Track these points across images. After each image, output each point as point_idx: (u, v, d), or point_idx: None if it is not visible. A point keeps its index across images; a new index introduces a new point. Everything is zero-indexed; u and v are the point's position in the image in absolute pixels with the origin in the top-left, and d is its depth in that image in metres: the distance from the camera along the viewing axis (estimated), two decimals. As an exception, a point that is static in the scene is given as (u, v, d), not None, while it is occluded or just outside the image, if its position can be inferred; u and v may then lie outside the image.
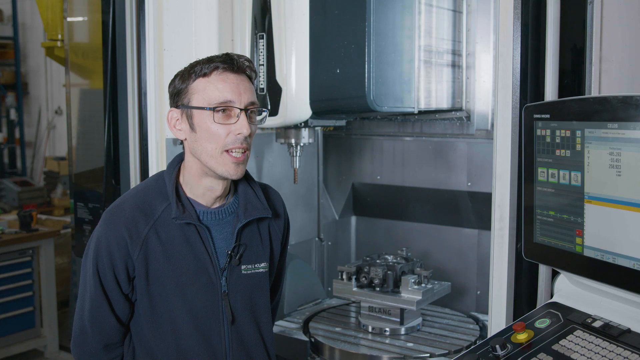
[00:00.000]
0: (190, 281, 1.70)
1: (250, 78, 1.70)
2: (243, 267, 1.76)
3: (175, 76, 1.70)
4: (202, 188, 1.72)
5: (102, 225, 1.70)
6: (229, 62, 1.65)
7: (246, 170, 1.76)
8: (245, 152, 1.67)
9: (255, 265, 1.79)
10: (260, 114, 1.75)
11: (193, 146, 1.67)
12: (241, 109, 1.64)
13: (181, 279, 1.69)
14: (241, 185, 1.80)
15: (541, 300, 1.79)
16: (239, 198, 1.79)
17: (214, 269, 1.72)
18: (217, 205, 1.76)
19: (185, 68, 1.69)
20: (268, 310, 1.83)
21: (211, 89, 1.63)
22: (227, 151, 1.64)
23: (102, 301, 1.69)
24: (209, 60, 1.65)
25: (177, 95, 1.68)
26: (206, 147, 1.64)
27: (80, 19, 3.38)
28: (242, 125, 1.63)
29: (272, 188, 1.95)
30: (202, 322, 1.72)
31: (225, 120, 1.63)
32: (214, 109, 1.62)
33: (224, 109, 1.63)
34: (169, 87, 1.72)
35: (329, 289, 3.17)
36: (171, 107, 1.71)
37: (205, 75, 1.64)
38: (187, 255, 1.70)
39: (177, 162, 1.77)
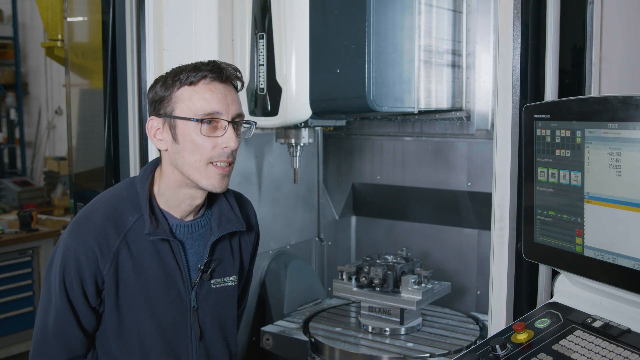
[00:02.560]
0: (160, 297, 1.65)
1: (236, 88, 1.64)
2: (212, 281, 1.71)
3: (156, 82, 1.61)
4: (180, 198, 1.64)
5: (71, 236, 1.62)
6: (217, 72, 1.57)
7: None
8: (230, 164, 1.60)
9: (225, 279, 1.74)
10: (245, 126, 1.67)
11: (174, 157, 1.59)
12: (228, 122, 1.57)
13: (150, 293, 1.64)
14: (216, 197, 1.73)
15: (541, 300, 1.79)
16: (212, 210, 1.72)
17: (184, 284, 1.66)
18: (190, 217, 1.69)
19: (167, 74, 1.60)
20: (235, 323, 1.81)
21: (198, 99, 1.55)
22: (211, 163, 1.57)
23: (68, 314, 1.62)
24: (196, 68, 1.57)
25: (159, 102, 1.59)
26: (189, 159, 1.57)
27: (80, 19, 3.38)
28: (229, 139, 1.57)
29: (245, 198, 1.89)
30: (170, 338, 1.67)
31: (211, 133, 1.56)
32: (201, 121, 1.54)
33: (210, 120, 1.55)
34: (149, 92, 1.63)
35: (329, 289, 3.17)
36: (151, 115, 1.62)
37: (191, 83, 1.56)
38: (157, 269, 1.64)
39: (150, 170, 1.69)
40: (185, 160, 1.58)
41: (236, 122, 1.60)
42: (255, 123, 1.70)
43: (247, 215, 1.84)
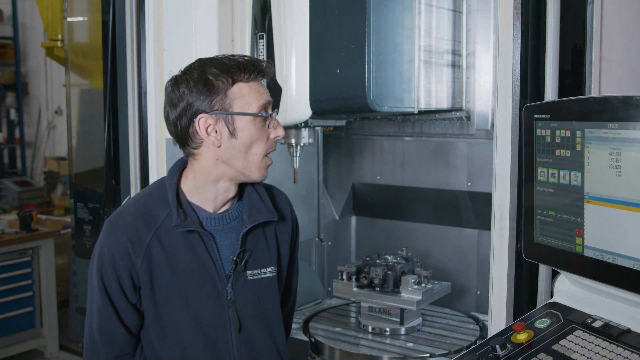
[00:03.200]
0: (194, 289, 1.67)
1: None
2: (249, 272, 1.72)
3: (190, 80, 1.60)
4: (215, 192, 1.68)
5: (104, 234, 1.67)
6: (261, 69, 1.65)
7: None
8: None
9: (262, 270, 1.74)
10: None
11: (228, 152, 1.62)
12: (272, 113, 1.67)
13: (185, 287, 1.66)
14: (245, 189, 1.76)
15: (541, 300, 1.79)
16: (243, 202, 1.75)
17: (219, 276, 1.67)
18: (221, 210, 1.72)
19: (203, 70, 1.60)
20: (278, 316, 1.79)
21: (254, 95, 1.62)
22: (265, 155, 1.66)
23: (109, 312, 1.66)
24: (242, 65, 1.61)
25: (207, 101, 1.59)
26: (248, 153, 1.63)
27: (80, 19, 3.38)
28: (279, 129, 1.67)
29: (277, 189, 1.92)
30: (207, 331, 1.68)
31: (264, 125, 1.64)
32: (270, 115, 1.64)
33: (266, 113, 1.64)
34: (181, 91, 1.61)
35: (329, 289, 3.17)
36: (200, 112, 1.60)
37: (244, 80, 1.62)
38: (190, 262, 1.66)
39: (178, 168, 1.73)
40: (242, 154, 1.63)
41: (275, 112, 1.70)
42: (277, 110, 1.82)
43: (279, 205, 1.85)
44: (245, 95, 1.61)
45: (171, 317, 1.67)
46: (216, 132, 1.62)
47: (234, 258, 1.70)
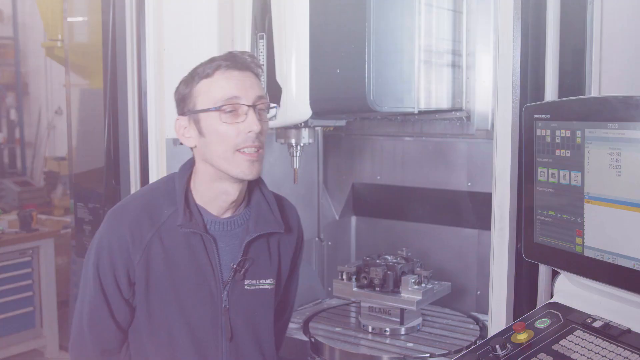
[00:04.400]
0: (190, 293, 1.64)
1: (256, 74, 1.63)
2: (246, 282, 1.69)
3: (180, 82, 1.64)
4: (214, 193, 1.64)
5: (106, 225, 1.64)
6: (231, 60, 1.58)
7: (262, 180, 1.68)
8: (258, 150, 1.59)
9: (260, 281, 1.71)
10: (269, 110, 1.67)
11: (203, 151, 1.60)
12: (249, 105, 1.57)
13: (181, 289, 1.63)
14: (255, 196, 1.73)
15: (541, 300, 1.79)
16: (251, 209, 1.71)
17: (216, 282, 1.65)
18: (227, 215, 1.69)
19: (189, 73, 1.63)
20: (270, 329, 1.76)
21: (215, 89, 1.56)
22: (238, 151, 1.57)
23: (101, 305, 1.63)
24: (211, 60, 1.59)
25: (182, 101, 1.61)
26: (217, 149, 1.57)
27: (80, 19, 3.38)
28: (251, 122, 1.56)
29: (287, 201, 1.88)
30: (199, 336, 1.66)
31: (233, 119, 1.56)
32: (219, 108, 1.55)
33: (230, 108, 1.56)
34: (174, 94, 1.65)
35: (329, 289, 3.17)
36: (178, 115, 1.64)
37: (208, 76, 1.57)
38: (189, 265, 1.63)
39: (190, 166, 1.70)
40: (214, 152, 1.58)
41: (257, 106, 1.59)
42: (277, 105, 1.69)
43: (287, 217, 1.80)
44: (206, 92, 1.57)
45: (164, 318, 1.64)
46: (190, 133, 1.62)
47: (234, 266, 1.66)
